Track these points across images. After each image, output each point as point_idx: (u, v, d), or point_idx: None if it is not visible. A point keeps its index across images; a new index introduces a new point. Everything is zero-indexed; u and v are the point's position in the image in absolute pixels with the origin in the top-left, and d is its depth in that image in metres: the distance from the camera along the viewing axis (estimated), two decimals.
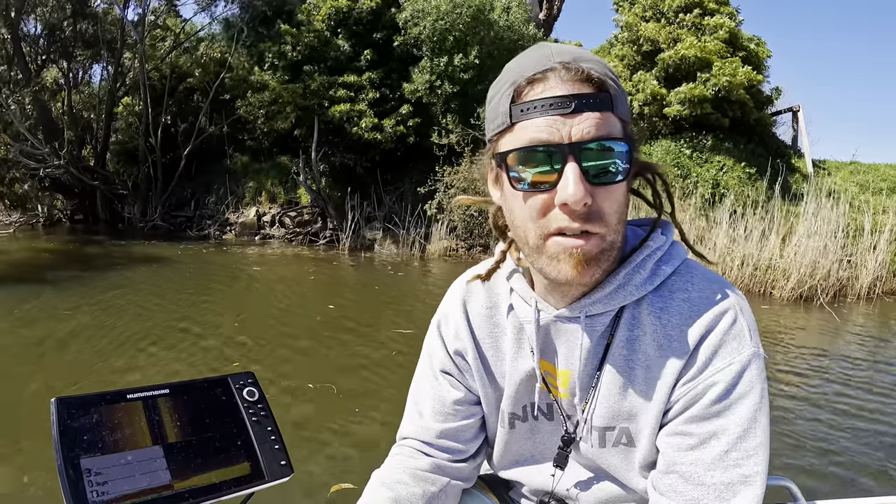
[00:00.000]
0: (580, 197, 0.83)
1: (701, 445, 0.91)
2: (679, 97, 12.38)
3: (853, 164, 14.24)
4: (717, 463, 0.89)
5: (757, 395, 0.91)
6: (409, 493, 1.09)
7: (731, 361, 0.91)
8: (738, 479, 0.88)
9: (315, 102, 14.01)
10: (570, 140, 0.84)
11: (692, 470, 0.90)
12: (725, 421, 0.90)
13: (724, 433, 0.90)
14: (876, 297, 9.57)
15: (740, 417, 0.90)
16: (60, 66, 18.21)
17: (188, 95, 18.33)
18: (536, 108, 0.85)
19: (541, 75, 0.86)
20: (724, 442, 0.89)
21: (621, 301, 0.98)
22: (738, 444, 0.89)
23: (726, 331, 0.93)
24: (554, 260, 0.90)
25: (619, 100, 0.88)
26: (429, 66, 13.19)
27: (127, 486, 0.81)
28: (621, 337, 0.99)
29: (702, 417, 0.92)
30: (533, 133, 0.86)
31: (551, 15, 16.78)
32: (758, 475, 0.88)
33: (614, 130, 0.86)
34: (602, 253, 0.90)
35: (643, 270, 0.98)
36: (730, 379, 0.91)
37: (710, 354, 0.93)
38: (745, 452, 0.89)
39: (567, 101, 0.84)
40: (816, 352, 6.53)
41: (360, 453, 3.75)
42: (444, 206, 13.08)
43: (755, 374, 0.91)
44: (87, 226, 17.92)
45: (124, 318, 6.91)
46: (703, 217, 11.06)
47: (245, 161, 17.29)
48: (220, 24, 17.67)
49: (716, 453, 0.89)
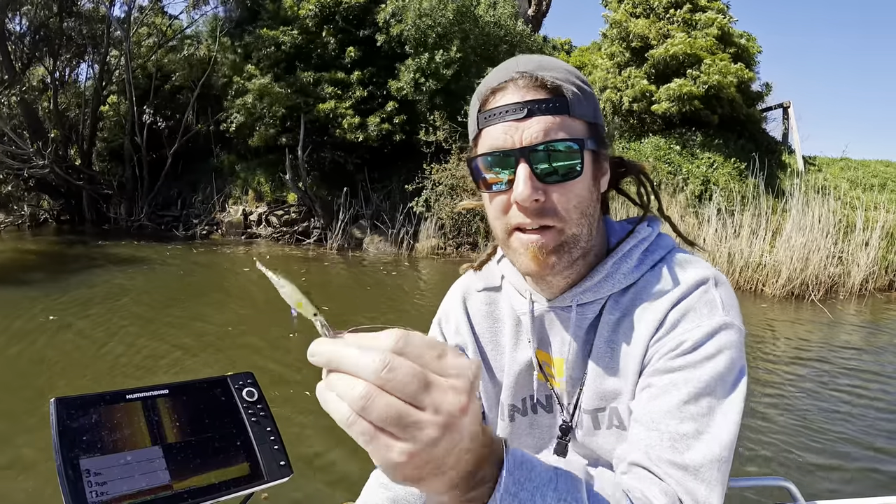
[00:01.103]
0: (528, 195, 0.90)
1: (661, 395, 0.91)
2: (668, 94, 12.38)
3: (844, 161, 14.29)
4: (674, 412, 0.89)
5: (724, 361, 0.91)
6: (407, 492, 1.10)
7: (700, 324, 0.93)
8: (693, 432, 0.87)
9: (301, 100, 13.94)
10: (521, 144, 0.91)
11: (649, 417, 0.90)
12: (687, 375, 0.91)
13: (685, 385, 0.90)
14: (868, 294, 9.59)
15: (703, 375, 0.90)
16: (46, 65, 18.02)
17: (174, 93, 18.18)
18: (495, 116, 0.94)
19: (503, 85, 0.95)
20: (683, 393, 0.89)
21: (610, 289, 1.02)
22: (697, 400, 0.89)
23: (698, 298, 0.96)
24: (516, 253, 0.98)
25: (577, 103, 0.94)
26: (412, 63, 13.17)
27: (126, 486, 0.81)
28: (606, 321, 1.03)
29: (665, 370, 0.93)
30: (492, 139, 0.94)
31: (540, 11, 16.78)
32: (714, 439, 0.86)
33: (570, 131, 0.93)
34: (562, 245, 0.96)
35: (630, 259, 1.03)
36: (697, 338, 0.92)
37: (678, 317, 0.96)
38: (703, 409, 0.88)
39: (520, 108, 0.92)
40: (803, 347, 6.58)
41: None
42: (431, 203, 13.03)
43: (725, 340, 0.92)
44: (72, 226, 17.76)
45: (107, 325, 6.87)
46: (693, 213, 11.09)
47: (232, 159, 17.18)
48: (206, 24, 17.55)
49: (673, 402, 0.89)
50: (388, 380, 0.48)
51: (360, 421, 0.49)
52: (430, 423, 0.49)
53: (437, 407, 0.49)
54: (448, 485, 0.56)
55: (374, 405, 0.48)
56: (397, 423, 0.48)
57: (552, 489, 0.64)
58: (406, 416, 0.49)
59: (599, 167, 1.00)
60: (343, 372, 0.50)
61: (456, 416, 0.50)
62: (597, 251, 1.05)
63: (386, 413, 0.48)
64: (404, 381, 0.49)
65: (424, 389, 0.49)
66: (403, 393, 0.49)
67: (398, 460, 0.49)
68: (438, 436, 0.49)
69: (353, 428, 0.49)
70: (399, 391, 0.49)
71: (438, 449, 0.50)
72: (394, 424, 0.48)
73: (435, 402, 0.49)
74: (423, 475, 0.52)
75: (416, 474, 0.52)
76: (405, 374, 0.49)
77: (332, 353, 0.51)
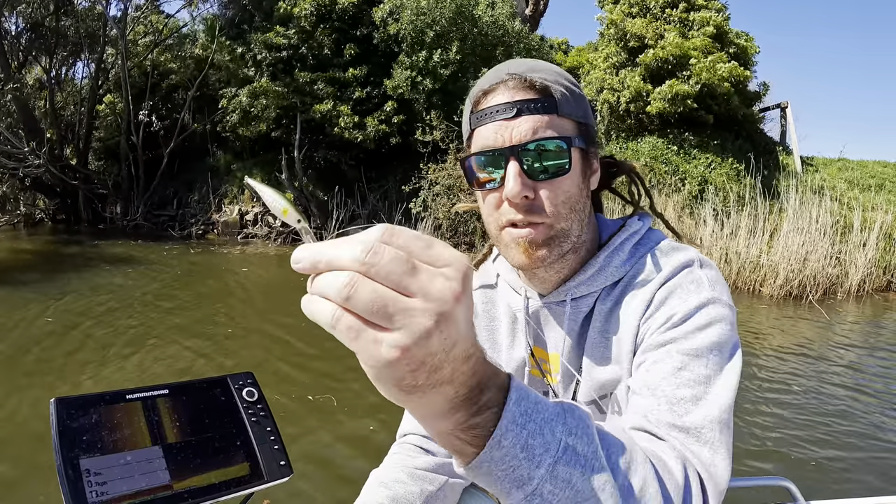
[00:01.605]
0: (517, 191, 0.94)
1: (655, 364, 0.92)
2: (662, 94, 12.35)
3: (841, 161, 14.27)
4: (669, 379, 0.89)
5: (716, 331, 0.92)
6: (407, 491, 1.10)
7: (687, 299, 0.96)
8: (690, 397, 0.86)
9: (297, 100, 13.91)
10: (510, 142, 0.95)
11: (645, 385, 0.91)
12: (680, 345, 0.92)
13: (679, 354, 0.91)
14: (866, 295, 9.57)
15: (696, 343, 0.91)
16: (42, 64, 17.96)
17: (170, 92, 18.14)
18: (486, 116, 0.98)
19: (494, 87, 0.98)
20: (677, 360, 0.90)
21: (603, 282, 1.05)
22: (692, 366, 0.89)
23: (684, 277, 0.99)
24: (508, 248, 1.02)
25: (565, 102, 0.97)
26: (408, 62, 13.13)
27: (126, 486, 0.81)
28: (598, 311, 1.06)
29: (658, 344, 0.95)
30: (483, 139, 0.98)
31: (537, 11, 16.77)
32: (713, 403, 0.86)
33: (558, 130, 0.96)
34: (551, 239, 0.99)
35: (621, 253, 1.06)
36: (686, 311, 0.94)
37: (666, 295, 0.98)
38: (699, 376, 0.88)
39: (510, 107, 0.95)
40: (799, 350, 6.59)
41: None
42: (429, 204, 12.99)
43: (714, 313, 0.94)
44: (68, 226, 17.71)
45: (100, 326, 6.85)
46: (690, 214, 11.08)
47: (228, 159, 17.13)
48: (202, 22, 17.53)
49: (668, 370, 0.90)
50: (372, 264, 0.45)
51: (345, 315, 0.46)
52: (420, 311, 0.46)
53: (426, 293, 0.46)
54: (449, 402, 0.53)
55: (359, 292, 0.45)
56: (385, 311, 0.45)
57: (561, 423, 0.60)
58: (395, 302, 0.46)
59: (589, 165, 1.03)
60: (327, 270, 0.47)
61: (449, 303, 0.47)
62: (588, 247, 1.07)
63: (371, 300, 0.45)
64: (389, 267, 0.46)
65: (412, 274, 0.46)
66: (389, 280, 0.46)
67: (389, 356, 0.46)
68: (431, 325, 0.46)
69: (339, 325, 0.46)
70: (384, 278, 0.46)
71: (432, 342, 0.47)
72: (381, 313, 0.45)
73: (424, 288, 0.46)
74: (419, 382, 0.49)
75: (411, 380, 0.49)
76: (390, 258, 0.46)
77: (315, 252, 0.48)
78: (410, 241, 0.48)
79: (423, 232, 4.71)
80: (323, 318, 0.47)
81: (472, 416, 0.55)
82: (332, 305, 0.46)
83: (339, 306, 0.46)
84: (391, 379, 0.48)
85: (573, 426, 0.61)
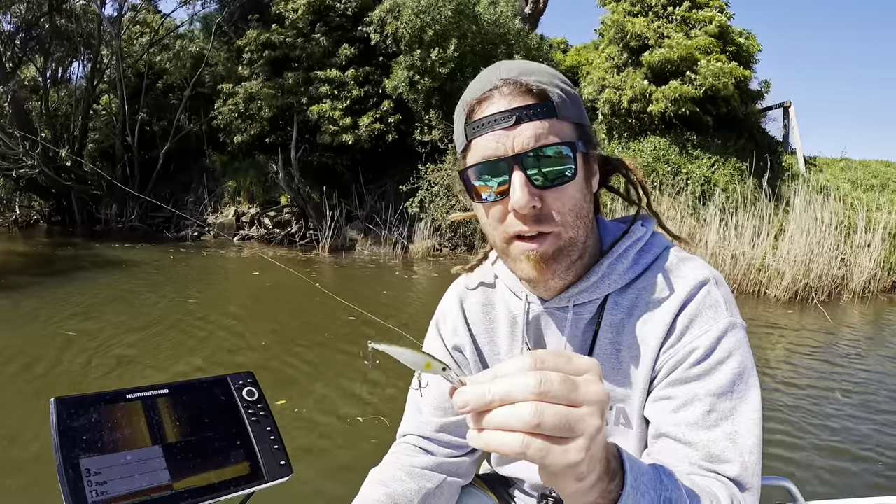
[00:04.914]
0: (525, 202, 0.90)
1: (683, 407, 0.95)
2: (666, 94, 12.24)
3: (844, 161, 14.16)
4: (700, 423, 0.93)
5: (736, 362, 0.95)
6: (406, 490, 1.10)
7: (708, 329, 0.97)
8: (723, 437, 0.92)
9: (293, 100, 13.86)
10: (513, 151, 0.91)
11: (677, 430, 0.94)
12: (704, 384, 0.95)
13: (706, 395, 0.94)
14: (871, 296, 9.47)
15: (719, 380, 0.94)
16: (37, 64, 17.90)
17: (166, 93, 18.10)
18: (484, 126, 0.94)
19: (488, 94, 0.95)
20: (706, 403, 0.94)
21: (606, 290, 1.04)
22: (718, 405, 0.93)
23: (702, 301, 0.99)
24: (517, 261, 0.99)
25: (563, 105, 0.95)
26: (405, 60, 13.08)
27: (126, 485, 0.81)
28: (608, 322, 1.05)
29: (682, 381, 0.97)
30: (483, 149, 0.94)
31: (537, 9, 16.71)
32: (741, 436, 0.92)
33: (560, 135, 0.93)
34: (560, 250, 0.97)
35: (625, 260, 1.05)
36: (708, 345, 0.96)
37: (687, 323, 0.98)
38: (725, 413, 0.93)
39: (509, 116, 0.92)
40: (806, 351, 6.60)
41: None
42: (426, 204, 12.92)
43: (733, 341, 0.97)
44: (63, 227, 17.65)
45: (105, 326, 6.83)
46: (694, 215, 11.02)
47: (224, 160, 17.08)
48: (198, 21, 17.50)
49: (698, 414, 0.93)
50: (546, 391, 0.54)
51: (534, 441, 0.54)
52: (590, 415, 0.56)
53: (588, 400, 0.56)
54: (599, 477, 0.62)
55: (546, 417, 0.53)
56: (567, 426, 0.54)
57: (659, 482, 0.73)
58: (572, 416, 0.55)
59: (590, 168, 1.01)
60: (499, 405, 0.55)
61: (604, 402, 0.57)
62: (591, 251, 1.06)
63: (556, 420, 0.54)
64: (560, 389, 0.55)
65: (575, 390, 0.56)
66: (562, 399, 0.55)
67: (576, 459, 0.55)
68: (600, 423, 0.56)
69: (530, 450, 0.54)
70: (559, 398, 0.55)
71: (601, 435, 0.57)
72: (565, 428, 0.54)
73: (586, 397, 0.56)
74: (590, 470, 0.59)
75: (586, 470, 0.58)
76: (558, 382, 0.55)
77: (479, 394, 0.56)
78: (557, 362, 0.57)
79: (423, 232, 4.69)
80: (512, 448, 0.54)
81: (609, 483, 0.66)
82: (518, 435, 0.54)
83: (525, 433, 0.54)
84: (573, 476, 0.58)
85: (669, 483, 0.75)
